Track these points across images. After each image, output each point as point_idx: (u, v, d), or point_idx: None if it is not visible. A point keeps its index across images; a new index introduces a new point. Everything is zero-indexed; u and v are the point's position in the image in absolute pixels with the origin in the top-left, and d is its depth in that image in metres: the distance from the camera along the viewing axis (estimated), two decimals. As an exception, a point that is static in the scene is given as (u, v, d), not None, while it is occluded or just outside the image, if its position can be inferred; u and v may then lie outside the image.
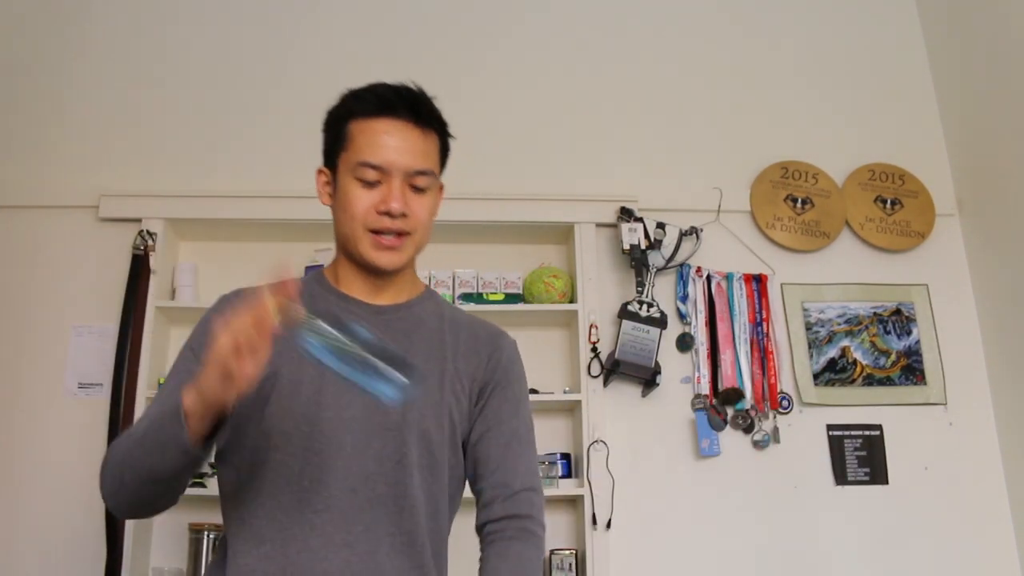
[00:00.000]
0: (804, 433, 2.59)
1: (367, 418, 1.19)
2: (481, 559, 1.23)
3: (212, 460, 1.25)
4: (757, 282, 2.71)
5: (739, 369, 2.61)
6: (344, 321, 1.07)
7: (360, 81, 1.28)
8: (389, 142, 1.23)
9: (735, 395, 2.57)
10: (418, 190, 1.25)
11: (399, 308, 1.30)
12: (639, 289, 2.59)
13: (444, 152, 1.32)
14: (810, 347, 2.67)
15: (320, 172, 1.31)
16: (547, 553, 2.39)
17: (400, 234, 1.24)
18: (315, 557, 1.14)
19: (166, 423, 1.05)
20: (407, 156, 1.23)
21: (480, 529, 1.26)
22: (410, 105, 1.25)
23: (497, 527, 1.23)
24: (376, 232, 1.23)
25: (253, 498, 1.18)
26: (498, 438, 1.28)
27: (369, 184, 1.22)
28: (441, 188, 1.33)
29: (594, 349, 2.54)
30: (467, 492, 1.30)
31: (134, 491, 1.12)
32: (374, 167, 1.22)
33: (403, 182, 1.23)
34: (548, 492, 2.39)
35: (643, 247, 2.60)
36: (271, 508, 1.17)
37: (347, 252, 1.28)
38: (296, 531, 1.15)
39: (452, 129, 1.31)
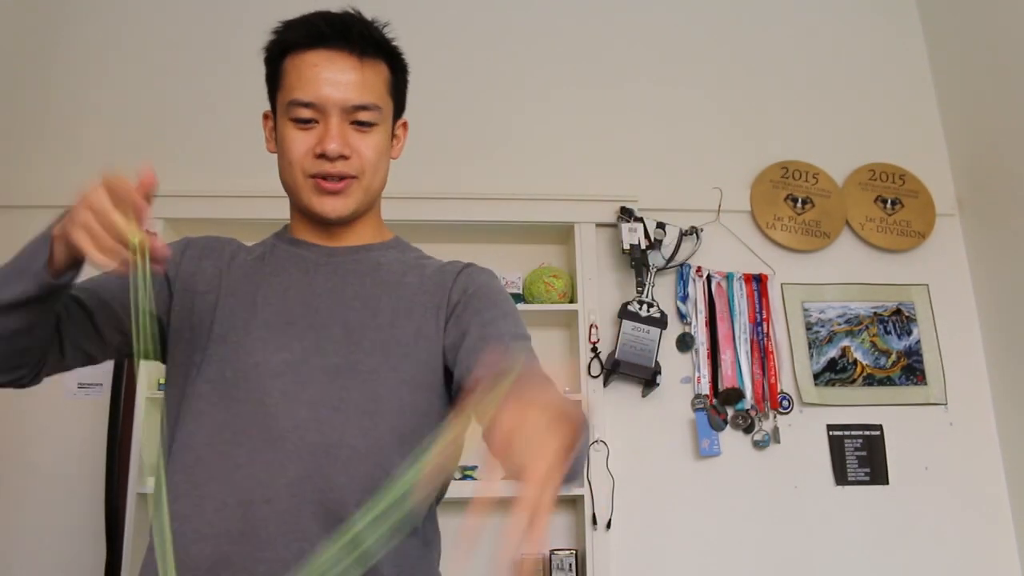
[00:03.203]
0: (804, 433, 2.59)
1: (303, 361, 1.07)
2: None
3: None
4: (757, 282, 2.71)
5: (739, 369, 2.61)
6: None
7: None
8: (320, 75, 1.10)
9: (735, 395, 2.57)
10: (362, 127, 1.12)
11: (355, 250, 1.18)
12: (639, 289, 2.59)
13: (398, 82, 1.18)
14: (810, 347, 2.67)
15: (266, 117, 1.19)
16: (547, 553, 2.39)
17: (343, 177, 1.12)
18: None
19: (30, 246, 1.05)
20: (341, 89, 1.10)
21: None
22: (342, 32, 1.12)
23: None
24: (317, 177, 1.11)
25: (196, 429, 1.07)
26: (474, 333, 1.15)
27: (304, 124, 1.10)
28: (405, 125, 1.21)
29: (594, 349, 2.53)
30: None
31: None
32: (305, 104, 1.09)
33: (341, 119, 1.10)
34: (548, 492, 2.41)
35: (643, 247, 2.60)
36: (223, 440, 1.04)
37: (294, 202, 1.18)
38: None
39: (452, 129, 1.26)
